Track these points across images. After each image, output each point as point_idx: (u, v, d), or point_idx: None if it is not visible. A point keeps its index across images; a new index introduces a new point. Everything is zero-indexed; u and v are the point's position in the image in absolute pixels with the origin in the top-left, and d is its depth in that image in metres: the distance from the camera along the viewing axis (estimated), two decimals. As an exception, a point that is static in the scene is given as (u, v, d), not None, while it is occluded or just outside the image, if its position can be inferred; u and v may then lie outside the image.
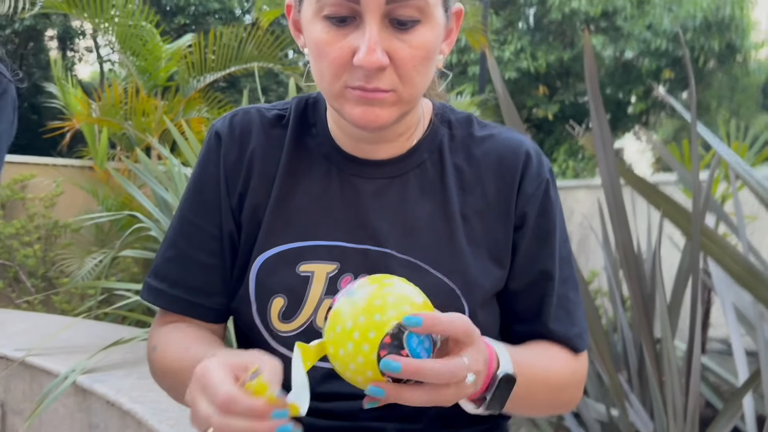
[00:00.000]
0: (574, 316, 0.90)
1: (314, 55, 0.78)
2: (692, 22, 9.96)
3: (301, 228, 0.85)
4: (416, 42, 0.75)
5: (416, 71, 0.76)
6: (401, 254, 0.84)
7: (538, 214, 0.88)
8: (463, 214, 0.86)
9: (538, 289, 0.89)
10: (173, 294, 0.87)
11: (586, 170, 10.78)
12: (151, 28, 5.32)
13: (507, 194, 0.87)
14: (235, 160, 0.87)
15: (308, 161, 0.88)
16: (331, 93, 0.78)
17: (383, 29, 0.74)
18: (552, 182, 0.90)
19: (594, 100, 1.76)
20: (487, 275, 0.86)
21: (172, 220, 0.91)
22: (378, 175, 0.87)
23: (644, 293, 2.00)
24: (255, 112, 0.90)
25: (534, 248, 0.88)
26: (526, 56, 11.01)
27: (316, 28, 0.76)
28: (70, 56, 14.34)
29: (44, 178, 5.10)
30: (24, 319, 3.47)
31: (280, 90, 11.63)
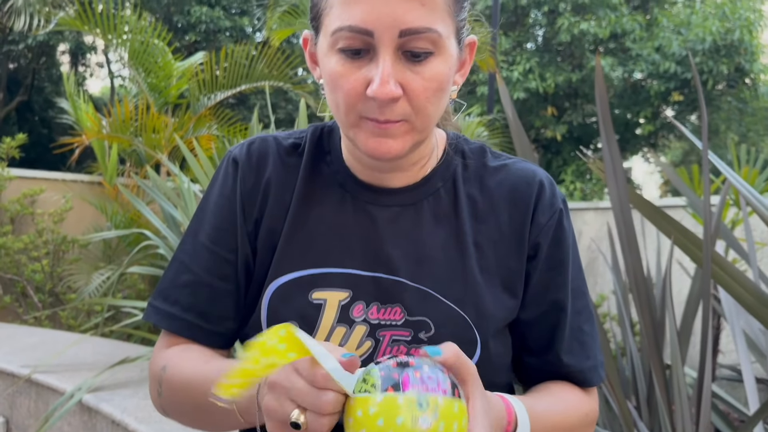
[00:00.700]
0: (589, 349, 0.90)
1: (330, 87, 0.78)
2: (701, 45, 9.98)
3: (315, 255, 0.85)
4: (429, 74, 0.76)
5: (429, 102, 0.77)
6: (413, 283, 0.84)
7: (551, 245, 0.88)
8: (476, 243, 0.86)
9: (550, 319, 0.88)
10: (185, 319, 0.87)
11: (594, 191, 10.76)
12: (163, 45, 5.37)
13: (520, 224, 0.87)
14: (251, 186, 0.88)
15: (323, 188, 0.88)
16: (346, 123, 0.79)
17: (396, 61, 0.74)
18: (565, 212, 0.90)
19: (605, 127, 1.76)
20: (500, 305, 0.86)
21: (182, 243, 0.91)
22: (392, 202, 0.87)
23: (654, 319, 1.98)
24: (272, 140, 0.91)
25: (546, 278, 0.88)
26: (534, 77, 11.04)
27: (331, 60, 0.77)
28: (82, 71, 14.49)
29: (54, 193, 5.12)
30: (31, 334, 3.47)
31: (289, 107, 11.70)
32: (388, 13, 0.72)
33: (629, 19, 11.10)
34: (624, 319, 2.61)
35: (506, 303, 0.86)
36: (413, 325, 0.83)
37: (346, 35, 0.74)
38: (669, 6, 12.82)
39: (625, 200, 1.85)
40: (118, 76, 13.46)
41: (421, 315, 0.83)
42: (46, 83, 13.97)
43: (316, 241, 0.86)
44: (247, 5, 11.40)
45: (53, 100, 13.05)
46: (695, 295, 2.55)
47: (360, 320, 0.83)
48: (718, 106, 11.37)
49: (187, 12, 10.78)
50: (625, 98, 11.80)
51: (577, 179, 10.95)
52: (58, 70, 14.13)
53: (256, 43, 11.03)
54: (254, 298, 0.88)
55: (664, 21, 10.99)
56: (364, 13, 0.73)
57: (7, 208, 4.92)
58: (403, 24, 0.73)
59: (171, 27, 10.78)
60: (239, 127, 6.01)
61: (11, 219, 4.96)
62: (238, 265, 0.88)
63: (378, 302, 0.84)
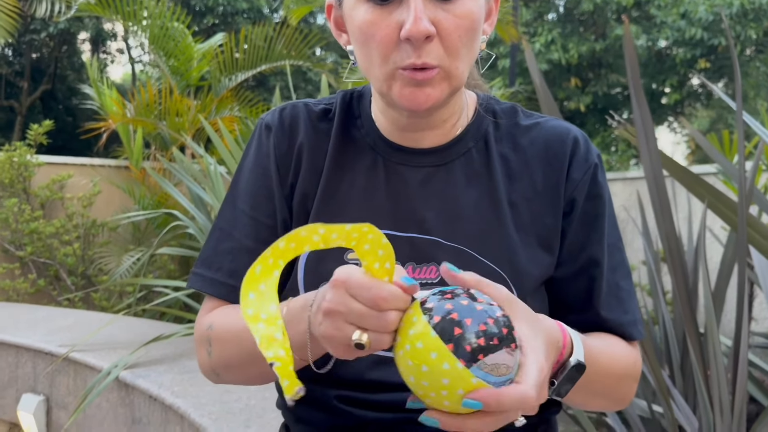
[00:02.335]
0: (627, 304, 0.89)
1: (360, 41, 0.78)
2: (728, 10, 9.72)
3: (348, 217, 0.85)
4: (460, 11, 0.75)
5: (461, 42, 0.76)
6: (448, 242, 0.84)
7: (586, 200, 0.87)
8: (510, 202, 0.86)
9: (586, 276, 0.88)
10: (228, 283, 0.87)
11: (620, 162, 10.62)
12: (183, 28, 5.39)
13: (555, 181, 0.86)
14: (285, 151, 0.89)
15: (354, 152, 0.89)
16: (381, 76, 0.78)
17: (427, 1, 0.74)
18: (600, 167, 0.89)
19: (635, 92, 1.73)
20: (536, 262, 0.85)
21: (221, 211, 0.91)
22: (423, 163, 0.87)
23: (688, 286, 1.96)
24: (302, 106, 0.91)
25: (582, 234, 0.87)
26: (556, 48, 10.86)
27: (360, 11, 0.76)
28: (103, 58, 14.59)
29: (82, 178, 5.19)
30: (66, 316, 3.54)
31: (309, 88, 11.68)
32: None
33: (654, -16, 10.86)
34: (657, 287, 2.58)
35: (543, 260, 0.86)
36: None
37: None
38: (694, -30, 12.50)
39: (658, 166, 1.82)
40: (139, 61, 13.55)
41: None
42: (68, 71, 14.11)
43: (349, 204, 0.86)
44: (265, -15, 11.37)
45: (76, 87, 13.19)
46: (728, 261, 2.51)
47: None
48: (747, 71, 11.10)
49: (205, -6, 10.78)
50: (650, 67, 11.57)
51: (603, 151, 10.81)
52: (80, 58, 14.25)
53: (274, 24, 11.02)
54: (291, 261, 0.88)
55: (690, -14, 10.72)
56: None
57: (37, 193, 5.01)
58: None
59: (189, 11, 10.78)
60: (261, 107, 6.03)
61: (41, 204, 5.05)
62: (277, 228, 0.88)
63: (413, 262, 0.84)
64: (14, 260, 4.90)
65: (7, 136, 12.42)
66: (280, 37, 5.67)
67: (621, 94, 12.05)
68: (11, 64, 13.43)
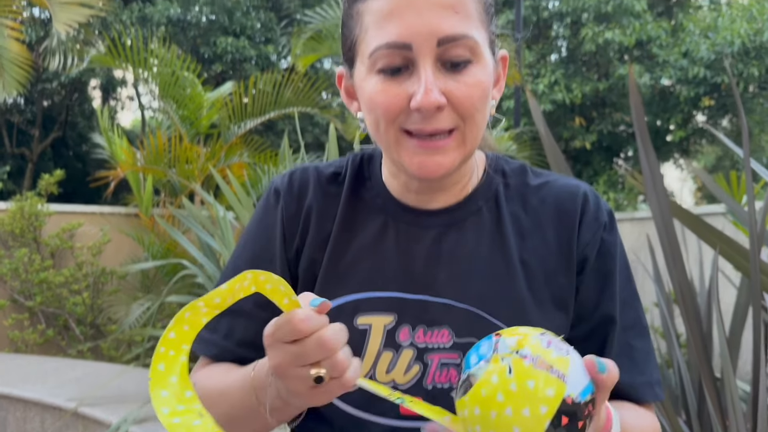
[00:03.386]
0: (641, 365, 0.87)
1: (369, 108, 0.78)
2: (730, 48, 9.82)
3: (358, 280, 0.85)
4: (471, 81, 0.76)
5: (475, 108, 0.76)
6: (460, 303, 0.83)
7: (597, 257, 0.86)
8: (522, 261, 0.85)
9: (600, 335, 0.87)
10: (224, 345, 0.87)
11: (627, 200, 10.62)
12: (192, 78, 5.47)
13: (567, 239, 0.86)
14: (293, 213, 0.89)
15: (364, 214, 0.89)
16: (387, 140, 0.79)
17: (437, 72, 0.75)
18: (612, 224, 0.89)
19: (642, 140, 1.74)
20: (551, 323, 0.84)
21: (224, 271, 0.92)
22: (434, 224, 0.86)
23: (702, 330, 1.94)
24: (313, 169, 0.92)
25: (594, 292, 0.86)
26: (560, 88, 10.98)
27: (371, 83, 0.77)
28: (113, 105, 14.83)
29: (92, 227, 5.22)
30: (74, 367, 3.52)
31: (316, 131, 11.81)
32: (423, 24, 0.73)
33: (654, 25, 11.00)
34: (669, 331, 2.55)
35: (557, 320, 0.85)
36: (463, 347, 0.81)
37: (384, 53, 0.74)
38: (694, 11, 12.68)
39: (667, 212, 1.82)
40: (149, 108, 13.76)
41: (470, 336, 0.81)
42: (79, 118, 14.33)
43: (359, 267, 0.86)
44: (271, 33, 11.59)
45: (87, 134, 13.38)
46: (742, 305, 2.48)
47: (407, 344, 0.82)
48: (751, 108, 11.14)
49: (213, 43, 10.99)
50: (653, 105, 11.65)
51: (609, 189, 10.81)
52: (90, 105, 14.48)
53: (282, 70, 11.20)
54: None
55: (690, 26, 10.86)
56: (399, 28, 0.73)
57: (47, 243, 5.03)
58: (440, 32, 0.73)
59: (198, 58, 10.99)
60: (269, 153, 6.08)
61: (51, 254, 5.07)
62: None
63: (424, 325, 0.83)
64: (23, 310, 4.90)
65: (18, 183, 12.56)
66: (288, 83, 5.76)
67: (626, 132, 12.11)
68: (23, 112, 13.66)
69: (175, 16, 10.66)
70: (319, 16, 5.30)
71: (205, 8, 11.10)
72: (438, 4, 0.74)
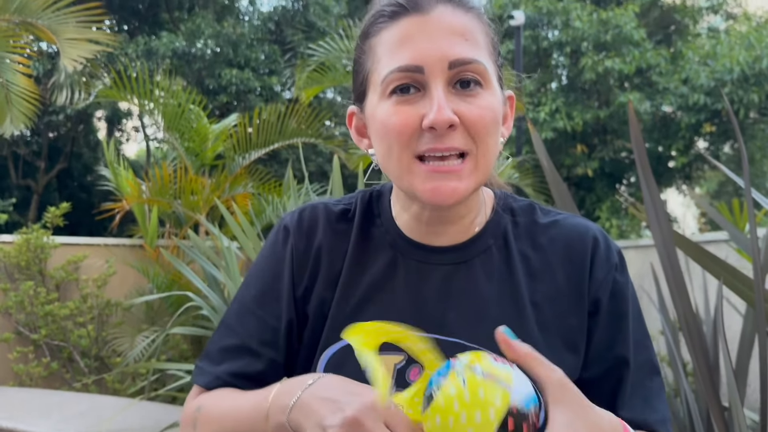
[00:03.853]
0: (654, 403, 0.87)
1: (381, 133, 0.80)
2: (729, 75, 9.90)
3: (367, 319, 0.85)
4: (482, 103, 0.78)
5: (486, 131, 0.78)
6: (470, 343, 0.83)
7: (610, 299, 0.87)
8: (533, 301, 0.85)
9: (613, 376, 0.87)
10: (227, 381, 0.88)
11: (631, 227, 10.61)
12: (198, 110, 5.53)
13: (578, 280, 0.86)
14: (303, 252, 0.89)
15: (374, 251, 0.89)
16: (399, 168, 0.79)
17: (449, 94, 0.77)
18: (622, 265, 0.89)
19: (643, 172, 1.75)
20: (561, 364, 0.83)
21: (230, 306, 0.92)
22: (443, 261, 0.87)
23: (708, 360, 1.93)
24: (322, 207, 0.92)
25: (608, 334, 0.87)
26: (561, 116, 11.04)
27: (383, 107, 0.79)
28: (118, 136, 14.94)
29: (97, 259, 5.24)
30: (79, 400, 3.51)
31: (320, 160, 11.87)
32: (435, 48, 0.76)
33: (653, 53, 11.10)
34: (675, 360, 2.54)
35: (568, 361, 0.85)
36: None
37: (396, 76, 0.77)
38: (692, 38, 12.80)
39: (670, 242, 1.82)
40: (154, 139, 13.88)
41: None
42: (84, 149, 14.44)
43: (368, 306, 0.86)
44: (275, 65, 11.72)
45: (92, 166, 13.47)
46: (748, 335, 2.47)
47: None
48: (752, 134, 11.18)
49: (218, 75, 11.12)
50: (655, 132, 11.70)
51: (612, 216, 10.81)
52: (96, 136, 14.60)
53: (286, 101, 11.30)
54: (306, 367, 0.87)
55: (689, 53, 10.95)
56: (412, 52, 0.76)
57: (52, 275, 5.04)
58: (451, 56, 0.76)
59: (203, 90, 11.11)
60: (273, 183, 6.12)
61: (57, 286, 5.08)
62: (281, 331, 0.88)
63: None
64: (28, 343, 4.89)
65: (24, 215, 12.62)
66: (292, 114, 5.82)
67: (628, 158, 12.14)
68: (29, 144, 13.78)
69: (180, 49, 10.80)
70: (322, 49, 5.38)
71: (210, 41, 11.25)
72: (449, 30, 0.77)
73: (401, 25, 0.79)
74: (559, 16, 11.29)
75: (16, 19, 4.44)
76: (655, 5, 12.78)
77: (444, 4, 0.79)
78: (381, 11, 0.81)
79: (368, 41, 0.82)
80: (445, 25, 0.77)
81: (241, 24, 12.12)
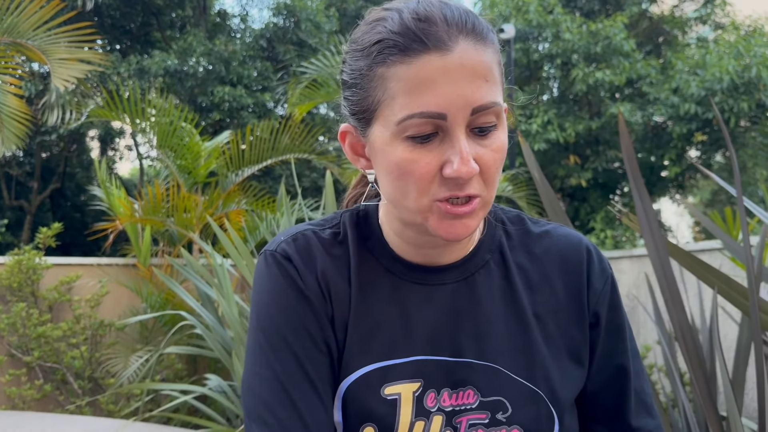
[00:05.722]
0: (651, 408, 0.90)
1: (396, 175, 0.77)
2: (719, 84, 9.98)
3: (380, 347, 0.83)
4: (495, 145, 0.77)
5: (496, 173, 0.78)
6: (481, 361, 0.82)
7: (609, 310, 0.88)
8: (535, 314, 0.86)
9: (615, 386, 0.88)
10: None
11: (625, 237, 10.63)
12: (190, 128, 5.53)
13: (577, 292, 0.87)
14: (311, 281, 0.84)
15: (374, 277, 0.86)
16: (417, 209, 0.78)
17: (468, 140, 0.75)
18: (613, 276, 0.91)
19: (636, 184, 1.75)
20: (570, 376, 0.85)
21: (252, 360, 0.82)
22: (444, 280, 0.86)
23: (705, 370, 1.92)
24: (311, 233, 0.88)
25: (610, 344, 0.88)
26: (553, 128, 11.10)
27: (397, 149, 0.76)
28: (111, 155, 14.93)
29: (89, 279, 5.20)
30: (73, 423, 3.46)
31: (314, 175, 11.88)
32: (459, 94, 0.73)
33: (643, 64, 11.18)
34: (672, 370, 2.53)
35: (574, 373, 0.85)
36: (489, 406, 0.81)
37: (417, 122, 0.74)
38: (682, 48, 12.90)
39: (664, 253, 1.82)
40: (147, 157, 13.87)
41: (495, 395, 0.81)
42: (77, 169, 14.42)
43: (379, 333, 0.84)
44: (268, 82, 11.75)
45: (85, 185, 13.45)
46: (744, 343, 2.47)
47: (435, 409, 0.81)
48: (743, 143, 11.26)
49: (211, 92, 11.13)
50: (647, 142, 11.76)
51: (606, 226, 10.83)
52: (89, 155, 14.59)
53: (279, 117, 11.32)
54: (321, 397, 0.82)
55: (679, 64, 11.04)
56: (436, 98, 0.73)
57: (45, 296, 5.01)
58: (474, 102, 0.73)
59: (196, 107, 11.12)
60: (267, 200, 6.11)
61: (50, 307, 5.04)
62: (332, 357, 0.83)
63: (449, 388, 0.82)
64: (21, 366, 4.84)
65: (17, 235, 12.56)
66: (285, 130, 5.82)
67: (621, 168, 12.19)
68: (21, 165, 13.75)
69: (173, 67, 10.82)
70: (314, 66, 5.39)
71: (202, 59, 11.28)
72: (472, 73, 0.73)
73: (421, 64, 0.73)
74: (549, 29, 11.37)
75: (6, 39, 4.44)
76: (644, 16, 12.90)
77: (465, 39, 0.74)
78: (391, 41, 0.75)
79: (377, 69, 0.76)
80: (468, 67, 0.73)
81: (233, 41, 12.16)
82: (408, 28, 0.74)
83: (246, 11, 13.60)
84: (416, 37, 0.73)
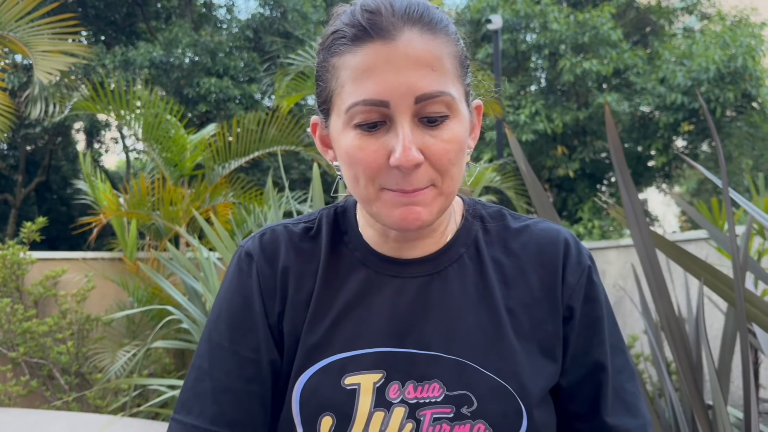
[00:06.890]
0: (634, 408, 0.87)
1: (347, 163, 0.78)
2: (705, 74, 10.02)
3: (342, 339, 0.83)
4: (447, 136, 0.76)
5: (451, 163, 0.77)
6: (449, 355, 0.82)
7: (584, 303, 0.87)
8: (508, 309, 0.85)
9: (592, 382, 0.86)
10: (213, 430, 0.82)
11: (612, 227, 10.69)
12: (175, 121, 5.48)
13: (551, 286, 0.86)
14: (269, 277, 0.86)
15: (345, 269, 0.87)
16: (366, 197, 0.78)
17: (414, 128, 0.75)
18: (593, 269, 0.89)
19: (622, 176, 1.75)
20: (541, 372, 0.83)
21: (198, 348, 0.87)
22: (417, 273, 0.86)
23: (691, 360, 1.93)
24: (282, 229, 0.90)
25: (584, 339, 0.86)
26: (541, 119, 11.11)
27: (348, 137, 0.77)
28: (97, 147, 14.82)
29: (75, 273, 5.16)
30: (59, 419, 3.44)
31: (302, 167, 11.84)
32: (401, 82, 0.73)
33: (630, 54, 11.21)
34: (658, 360, 2.55)
35: (546, 368, 0.84)
36: (454, 400, 0.80)
37: (361, 109, 0.75)
38: (668, 38, 12.94)
39: (650, 244, 1.82)
40: (133, 149, 13.76)
41: (461, 389, 0.80)
42: (63, 162, 14.30)
43: (343, 324, 0.84)
44: (254, 73, 11.68)
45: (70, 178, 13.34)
46: (730, 333, 2.48)
47: (397, 401, 0.80)
48: (729, 132, 11.33)
49: (197, 84, 11.05)
50: (634, 132, 11.81)
51: (594, 216, 10.88)
52: (74, 148, 14.47)
53: (266, 108, 11.26)
54: (281, 394, 0.84)
55: (666, 54, 11.08)
56: (377, 85, 0.74)
57: (30, 291, 4.96)
58: (417, 90, 0.74)
59: (182, 99, 11.04)
60: (254, 192, 6.08)
61: (35, 302, 4.99)
62: (262, 363, 0.84)
63: (414, 380, 0.81)
64: (6, 362, 4.80)
65: (1, 230, 12.46)
66: (273, 121, 5.79)
67: (608, 158, 12.24)
68: (6, 158, 13.61)
69: (158, 59, 10.73)
70: (301, 58, 5.35)
71: (188, 50, 11.19)
72: (416, 62, 0.74)
73: (365, 52, 0.75)
74: (537, 19, 11.37)
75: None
76: (631, 6, 12.91)
77: (411, 28, 0.75)
78: (342, 32, 0.77)
79: (331, 60, 0.79)
80: (411, 56, 0.74)
81: (219, 32, 12.07)
82: (356, 19, 0.76)
83: (232, 1, 13.51)
84: (362, 27, 0.75)
